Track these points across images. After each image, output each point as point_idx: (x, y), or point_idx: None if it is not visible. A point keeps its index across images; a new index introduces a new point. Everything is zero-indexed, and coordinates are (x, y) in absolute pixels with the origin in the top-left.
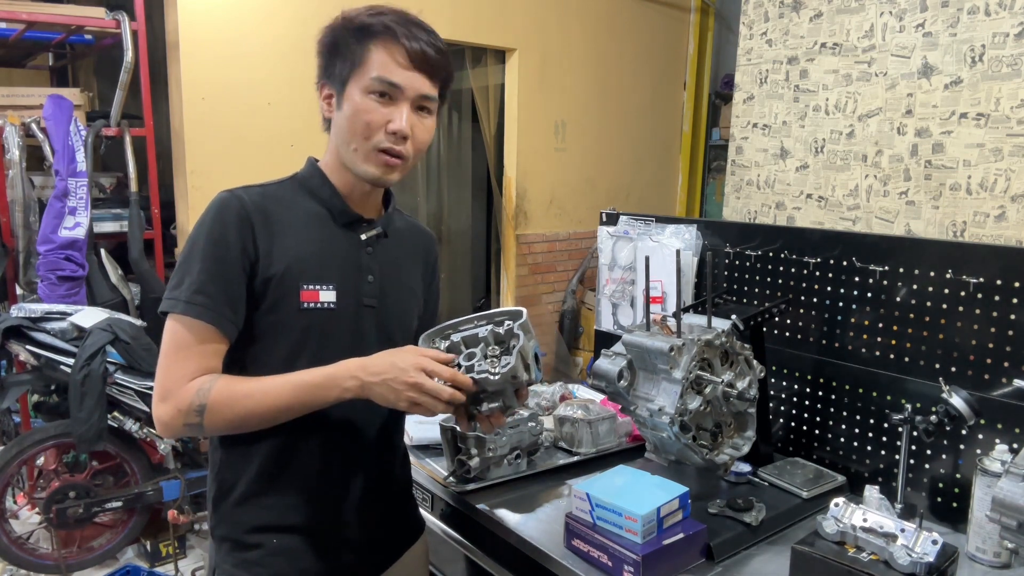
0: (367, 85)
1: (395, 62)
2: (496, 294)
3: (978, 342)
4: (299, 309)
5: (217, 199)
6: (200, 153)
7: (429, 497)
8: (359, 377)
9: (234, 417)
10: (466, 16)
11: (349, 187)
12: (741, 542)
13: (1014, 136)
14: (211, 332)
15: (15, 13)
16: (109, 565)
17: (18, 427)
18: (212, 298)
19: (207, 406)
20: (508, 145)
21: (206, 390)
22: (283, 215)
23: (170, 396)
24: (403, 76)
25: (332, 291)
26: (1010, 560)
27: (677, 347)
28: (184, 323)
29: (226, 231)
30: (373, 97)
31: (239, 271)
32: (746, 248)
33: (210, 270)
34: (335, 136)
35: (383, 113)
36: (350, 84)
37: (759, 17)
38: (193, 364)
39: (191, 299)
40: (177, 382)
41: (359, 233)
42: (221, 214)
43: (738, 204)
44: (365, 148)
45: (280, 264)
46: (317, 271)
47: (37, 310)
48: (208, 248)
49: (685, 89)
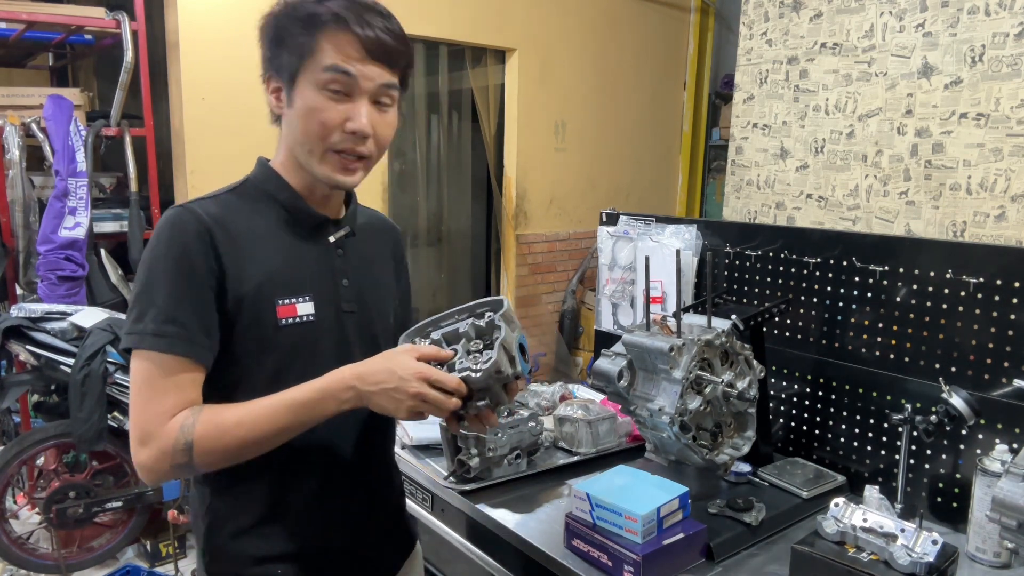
0: (319, 79)
1: (349, 53)
2: (496, 294)
3: (978, 342)
4: (278, 326)
5: (168, 216)
6: (200, 153)
7: (429, 497)
8: (356, 387)
9: (226, 449)
10: (466, 16)
11: (308, 187)
12: (741, 542)
13: (1014, 136)
14: (186, 364)
15: (15, 13)
16: (109, 565)
17: (18, 427)
18: (184, 326)
19: (194, 442)
20: (508, 145)
21: (190, 425)
22: (244, 226)
23: (151, 439)
24: (359, 68)
25: (309, 302)
26: (1010, 560)
27: (677, 347)
28: (154, 359)
29: (187, 250)
30: (327, 93)
31: (208, 292)
32: (746, 248)
33: (176, 295)
34: (287, 135)
35: (340, 111)
36: (300, 78)
37: (759, 17)
38: (171, 400)
39: (160, 331)
40: (156, 422)
41: (327, 236)
42: (178, 232)
43: (738, 204)
44: (321, 149)
45: (251, 281)
46: (291, 283)
47: (37, 310)
48: (170, 271)
49: (685, 89)
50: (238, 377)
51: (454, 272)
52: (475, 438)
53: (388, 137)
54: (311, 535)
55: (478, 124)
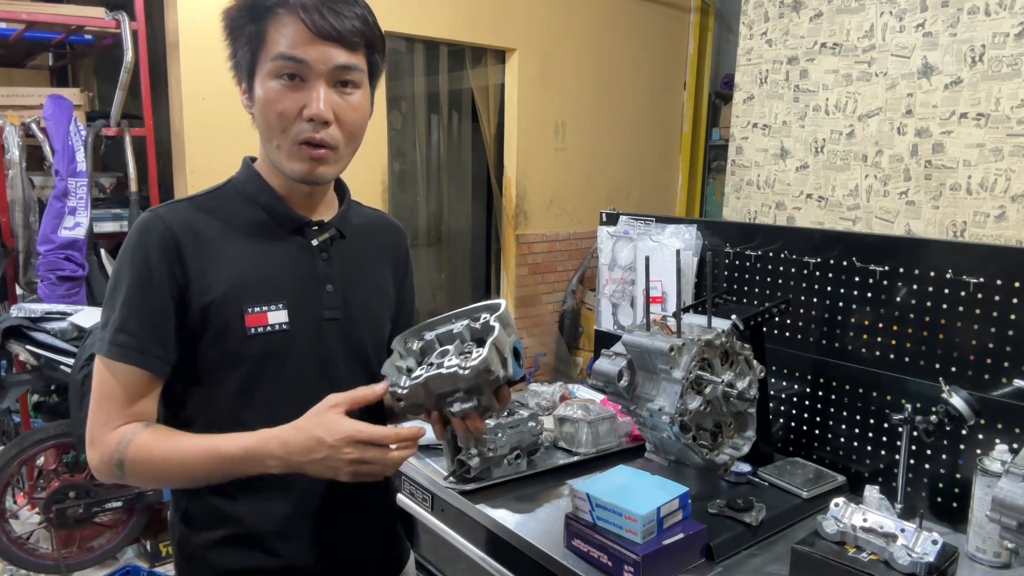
0: (271, 68)
1: (298, 37)
2: (496, 294)
3: (978, 342)
4: (246, 336)
5: (137, 223)
6: (200, 153)
7: (429, 497)
8: (280, 457)
9: (151, 478)
10: (466, 16)
11: (288, 187)
12: (741, 542)
13: (1014, 136)
14: (136, 374)
15: (15, 13)
16: (109, 565)
17: (18, 427)
18: (136, 336)
19: (124, 462)
20: (508, 145)
21: (125, 443)
22: (217, 230)
23: (95, 443)
24: (308, 51)
25: (283, 310)
26: (1010, 560)
27: (677, 347)
28: (108, 366)
29: (148, 258)
30: (282, 81)
31: (167, 301)
32: (746, 248)
33: (132, 304)
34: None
35: (296, 99)
36: (256, 71)
37: (759, 17)
38: (116, 410)
39: (113, 339)
40: (101, 429)
41: (310, 238)
42: (142, 239)
43: (738, 204)
44: (287, 143)
45: (218, 287)
46: (263, 290)
47: (37, 310)
48: (130, 279)
49: (685, 89)
50: (204, 390)
51: (454, 272)
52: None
53: (356, 122)
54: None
55: (478, 124)
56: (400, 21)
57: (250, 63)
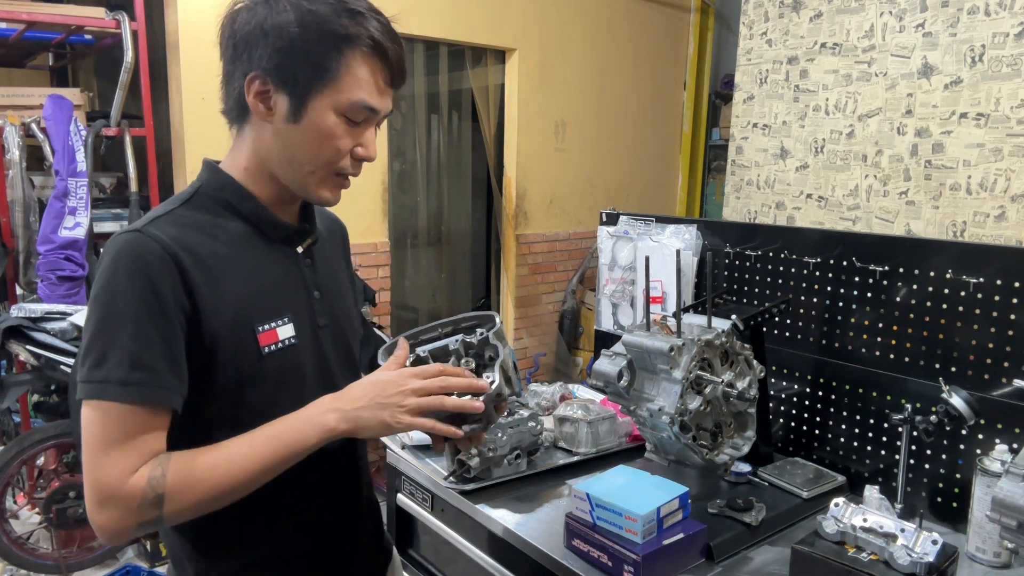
0: (343, 108)
1: (376, 84)
2: (496, 294)
3: (978, 342)
4: (261, 355)
5: (125, 243)
6: (200, 153)
7: (429, 497)
8: (338, 408)
9: (202, 498)
10: (466, 16)
11: (272, 196)
12: (741, 542)
13: (1014, 136)
14: (155, 413)
15: (15, 13)
16: (109, 565)
17: (18, 427)
18: (153, 371)
19: (166, 495)
20: (508, 145)
21: (159, 476)
22: (207, 245)
23: (113, 500)
24: (382, 100)
25: (289, 324)
26: (1010, 560)
27: (677, 347)
28: (116, 411)
29: (152, 282)
30: (345, 120)
31: (178, 329)
32: (746, 248)
33: (143, 335)
34: (273, 146)
35: (353, 136)
36: (316, 98)
37: (759, 17)
38: (134, 455)
39: (127, 379)
40: (118, 480)
41: (295, 246)
42: (140, 262)
43: (738, 204)
44: (325, 172)
45: (226, 309)
46: (268, 305)
47: (37, 310)
48: (134, 307)
49: (685, 89)
50: (218, 416)
51: (454, 272)
52: None
53: None
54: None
55: (478, 124)
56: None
57: (306, 85)
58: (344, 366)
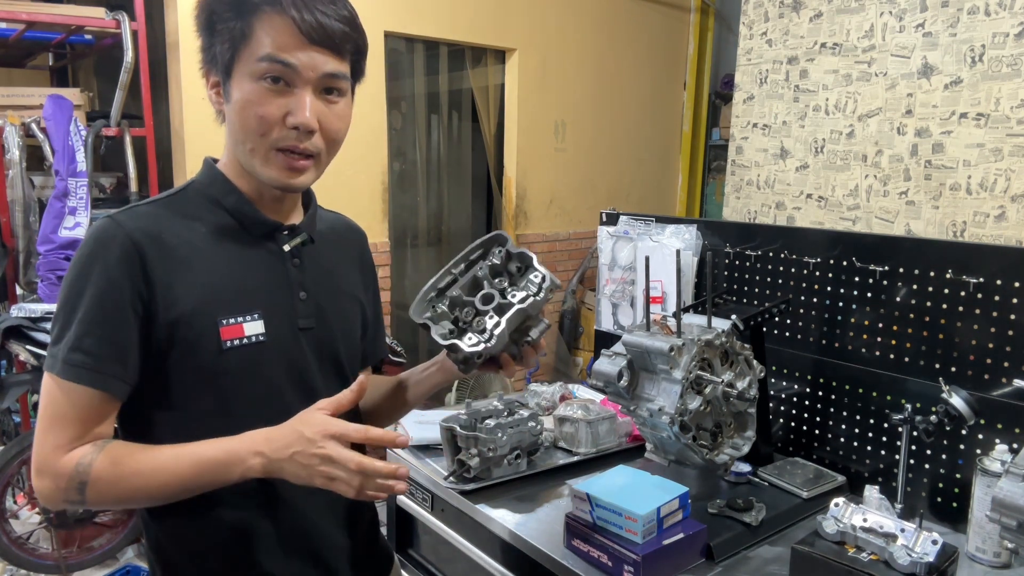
0: (255, 69)
1: (287, 39)
2: None
3: (978, 342)
4: (221, 350)
5: (95, 230)
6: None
7: (429, 497)
8: (264, 453)
9: (120, 496)
10: (466, 16)
11: (258, 190)
12: (741, 542)
13: (1014, 136)
14: (93, 396)
15: (15, 13)
16: (109, 565)
17: (18, 427)
18: (93, 356)
19: (88, 483)
20: (508, 145)
21: (87, 464)
22: (183, 237)
23: (45, 470)
24: (298, 56)
25: (258, 320)
26: (1010, 560)
27: (677, 347)
28: (61, 387)
29: (108, 269)
30: (265, 83)
31: (129, 316)
32: (746, 248)
33: (90, 319)
34: (230, 134)
35: (279, 104)
36: (236, 69)
37: (759, 17)
38: (70, 432)
39: (68, 359)
40: (53, 454)
41: (281, 244)
42: (101, 248)
43: (738, 204)
44: (263, 148)
45: (188, 300)
46: (236, 300)
47: (37, 310)
48: (87, 292)
49: (685, 89)
50: (175, 410)
51: None
52: (474, 438)
53: (339, 131)
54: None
55: (478, 124)
56: (400, 21)
57: (229, 60)
58: (328, 373)
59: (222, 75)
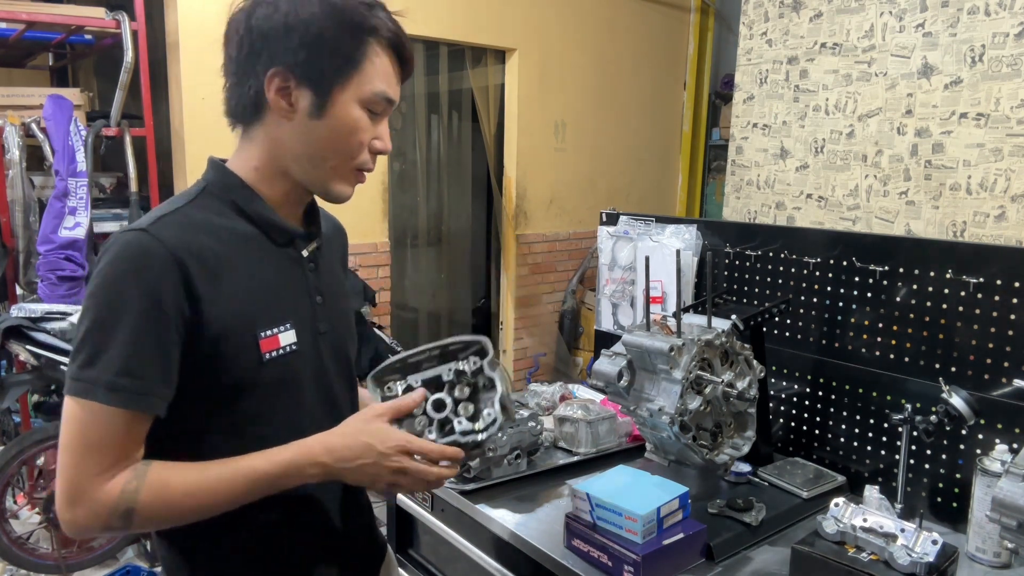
0: (365, 98)
1: (391, 74)
2: (496, 294)
3: (978, 342)
4: (261, 362)
5: (129, 244)
6: (200, 153)
7: (429, 497)
8: (326, 464)
9: (170, 518)
10: (466, 16)
11: (281, 198)
12: (741, 542)
13: (1014, 136)
14: (137, 418)
15: (15, 13)
16: (109, 565)
17: (18, 427)
18: (144, 379)
19: (136, 510)
20: (508, 145)
21: (133, 491)
22: (213, 247)
23: (82, 499)
24: (396, 92)
25: (291, 330)
26: (1010, 560)
27: (677, 347)
28: (99, 412)
29: (154, 286)
30: (367, 113)
31: (173, 335)
32: (746, 248)
33: (138, 341)
34: (298, 145)
35: (371, 131)
36: (340, 91)
37: (759, 17)
38: (110, 458)
39: (115, 384)
40: (92, 482)
41: (299, 249)
42: (143, 263)
43: (738, 204)
44: (347, 167)
45: (228, 315)
46: (271, 311)
47: (37, 310)
48: (128, 311)
49: (685, 89)
50: (210, 422)
51: (454, 272)
52: None
53: None
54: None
55: (478, 124)
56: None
57: (332, 78)
58: (341, 375)
59: (314, 89)
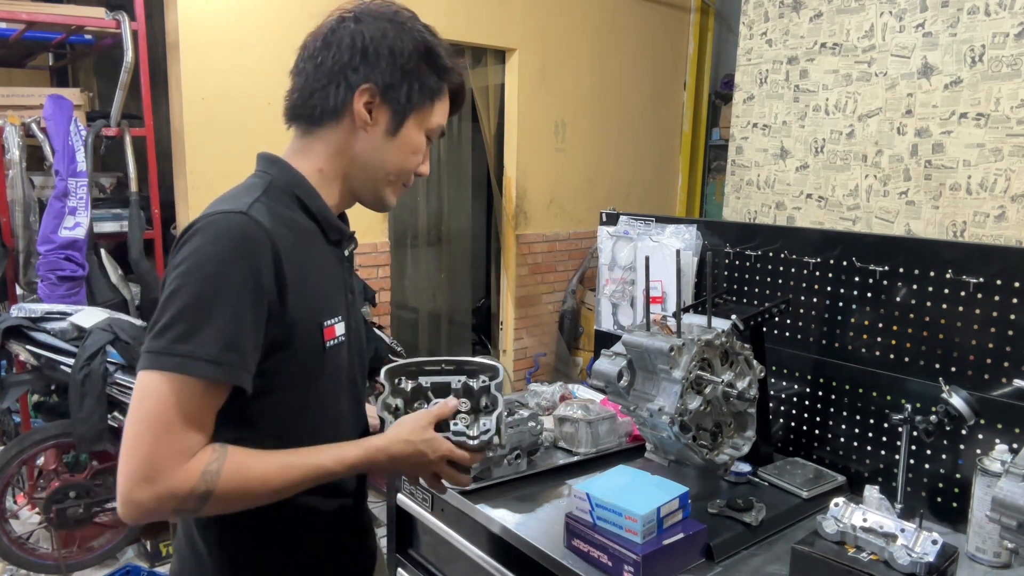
0: (430, 128)
1: (446, 112)
2: (496, 294)
3: (978, 342)
4: (324, 349)
5: (234, 224)
6: (200, 153)
7: (429, 497)
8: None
9: (241, 504)
10: (466, 16)
11: (337, 200)
12: (741, 542)
13: (1014, 136)
14: (224, 393)
15: (15, 13)
16: (109, 565)
17: (18, 427)
18: (244, 354)
19: (214, 493)
20: (508, 145)
21: (214, 472)
22: (291, 238)
23: (159, 477)
24: None
25: (342, 322)
26: (1010, 560)
27: (677, 347)
28: (192, 387)
29: (256, 267)
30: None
31: (264, 315)
32: (746, 248)
33: (240, 318)
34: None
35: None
36: (414, 116)
37: (759, 17)
38: (195, 437)
39: (218, 358)
40: (172, 460)
41: (344, 248)
42: (246, 245)
43: (738, 204)
44: (399, 181)
45: (304, 301)
46: (330, 301)
47: (37, 310)
48: (236, 289)
49: (685, 89)
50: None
51: (454, 272)
52: None
53: None
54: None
55: (478, 124)
56: None
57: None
58: (361, 370)
59: (396, 110)
